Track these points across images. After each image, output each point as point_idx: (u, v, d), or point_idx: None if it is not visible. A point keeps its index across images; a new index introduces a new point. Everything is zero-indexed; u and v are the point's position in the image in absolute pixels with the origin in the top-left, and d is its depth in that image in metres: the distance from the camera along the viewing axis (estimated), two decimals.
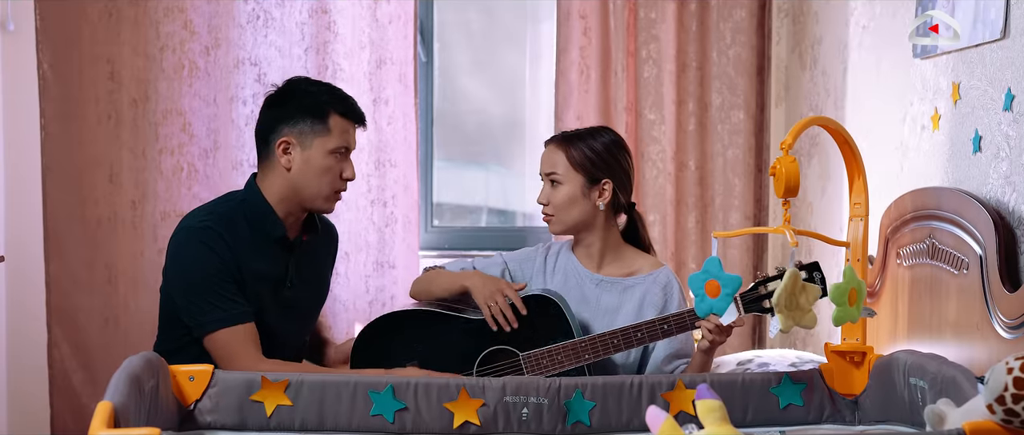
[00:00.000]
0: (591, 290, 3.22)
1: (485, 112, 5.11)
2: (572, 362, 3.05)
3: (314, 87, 3.20)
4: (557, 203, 3.17)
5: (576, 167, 3.16)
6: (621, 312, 3.16)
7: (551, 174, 3.19)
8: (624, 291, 3.19)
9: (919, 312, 3.33)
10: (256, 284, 3.09)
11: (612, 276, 3.22)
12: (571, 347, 3.05)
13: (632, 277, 3.21)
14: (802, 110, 4.55)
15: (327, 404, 2.75)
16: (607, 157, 3.18)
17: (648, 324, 2.99)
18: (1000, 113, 3.06)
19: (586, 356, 3.03)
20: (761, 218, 4.76)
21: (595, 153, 3.17)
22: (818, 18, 4.41)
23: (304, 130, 3.10)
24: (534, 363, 3.08)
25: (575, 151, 3.17)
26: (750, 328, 4.73)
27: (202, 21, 4.33)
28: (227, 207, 3.17)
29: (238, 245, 3.07)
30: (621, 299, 3.17)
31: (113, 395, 2.21)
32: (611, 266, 3.24)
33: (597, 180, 3.16)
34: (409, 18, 4.48)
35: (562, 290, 3.22)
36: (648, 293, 3.16)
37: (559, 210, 3.18)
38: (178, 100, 4.32)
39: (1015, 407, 2.05)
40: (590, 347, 3.03)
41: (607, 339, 3.01)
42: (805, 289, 2.77)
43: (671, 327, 3.00)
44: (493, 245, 4.86)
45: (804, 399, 2.93)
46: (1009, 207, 3.00)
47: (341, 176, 3.15)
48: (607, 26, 4.58)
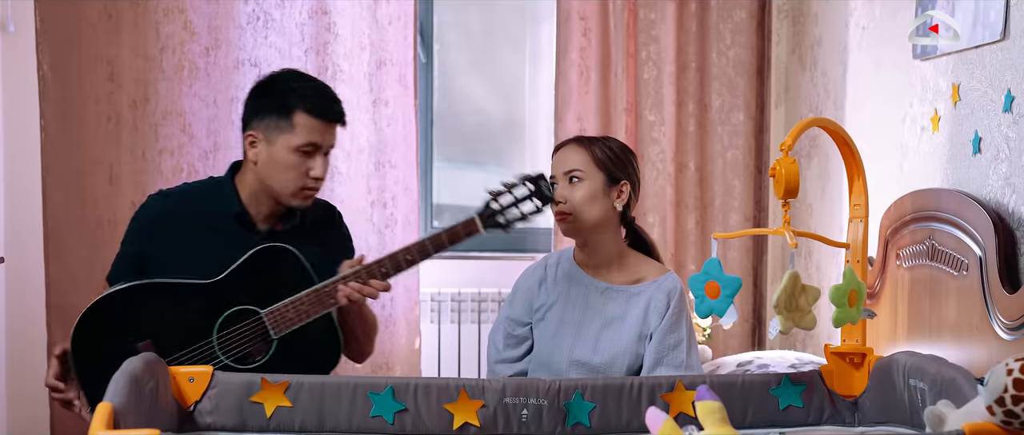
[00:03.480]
0: (596, 298, 3.16)
1: (485, 113, 5.11)
2: (317, 309, 2.96)
3: (290, 83, 3.14)
4: (578, 200, 3.09)
5: (598, 165, 3.12)
6: (627, 319, 3.12)
7: (573, 171, 3.11)
8: (630, 298, 3.14)
9: (919, 313, 3.33)
10: (189, 260, 3.08)
11: (618, 284, 3.16)
12: (314, 294, 2.97)
13: (638, 284, 3.15)
14: (802, 111, 4.55)
15: (327, 405, 2.75)
16: (624, 159, 3.17)
17: (390, 254, 2.98)
18: (1000, 114, 3.06)
19: (330, 302, 2.96)
20: (761, 219, 4.76)
21: (615, 153, 3.15)
22: (818, 19, 4.41)
23: (270, 125, 3.08)
24: (278, 318, 2.97)
25: (598, 149, 3.13)
26: (750, 329, 4.74)
27: (202, 22, 4.33)
28: (197, 183, 3.30)
29: (183, 210, 3.14)
30: (627, 307, 3.13)
31: (113, 396, 2.21)
32: (616, 273, 3.18)
33: (616, 180, 3.14)
34: (409, 19, 4.48)
35: (566, 299, 3.18)
36: (653, 299, 3.11)
37: (579, 207, 3.09)
38: (178, 101, 4.32)
39: (1015, 408, 2.05)
40: (333, 292, 2.96)
41: (349, 277, 2.96)
42: (805, 291, 2.77)
43: (414, 256, 3.00)
44: (493, 246, 4.86)
45: (804, 400, 2.93)
46: (1009, 208, 3.00)
47: (308, 174, 3.11)
48: (607, 27, 4.58)
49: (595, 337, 3.12)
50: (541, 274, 3.25)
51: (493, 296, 4.70)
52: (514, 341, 3.22)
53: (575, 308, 3.15)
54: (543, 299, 3.21)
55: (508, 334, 3.23)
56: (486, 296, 4.71)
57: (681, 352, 3.08)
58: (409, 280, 4.51)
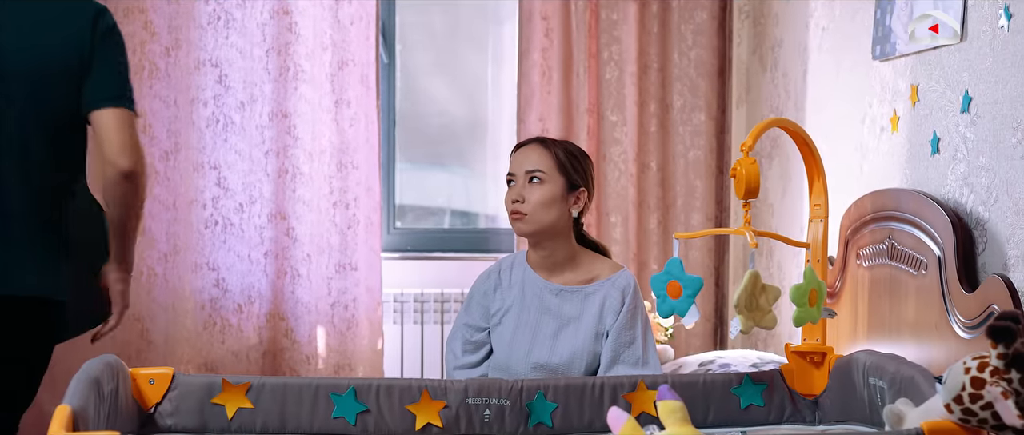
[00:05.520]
0: (551, 300, 3.15)
1: (447, 114, 5.11)
2: None
3: None
4: (536, 201, 3.07)
5: (560, 169, 3.10)
6: (583, 319, 3.12)
7: (534, 171, 3.09)
8: (585, 298, 3.13)
9: (878, 312, 3.35)
10: None
11: (572, 285, 3.16)
12: None
13: (592, 284, 3.15)
14: (763, 111, 4.58)
15: (288, 407, 2.74)
16: (584, 166, 3.16)
17: None
18: (958, 115, 3.09)
19: None
20: (723, 219, 4.78)
21: (576, 158, 3.14)
22: (778, 20, 4.44)
23: None
24: None
25: (560, 152, 3.12)
26: (712, 329, 4.76)
27: (162, 22, 4.30)
28: None
29: None
30: (582, 306, 3.13)
31: (72, 398, 2.19)
32: (570, 274, 3.17)
33: (576, 186, 3.12)
34: (371, 19, 4.47)
35: (521, 303, 3.16)
36: (608, 297, 3.11)
37: (536, 209, 3.07)
38: (138, 102, 4.24)
39: (972, 406, 2.07)
40: None
41: None
42: (765, 290, 2.79)
43: None
44: (456, 247, 4.86)
45: (765, 399, 2.95)
46: (967, 208, 3.02)
47: None
48: (569, 27, 4.59)
49: (552, 339, 3.12)
50: (496, 279, 3.24)
51: (456, 296, 4.69)
52: (472, 347, 3.22)
53: (531, 311, 3.15)
54: (499, 304, 3.21)
55: (466, 340, 3.22)
56: (449, 296, 4.70)
57: (637, 348, 3.09)
58: (372, 281, 4.50)
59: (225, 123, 4.37)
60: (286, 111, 4.41)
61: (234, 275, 4.40)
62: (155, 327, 4.30)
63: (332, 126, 4.46)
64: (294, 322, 4.44)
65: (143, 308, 4.25)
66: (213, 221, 4.38)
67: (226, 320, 4.40)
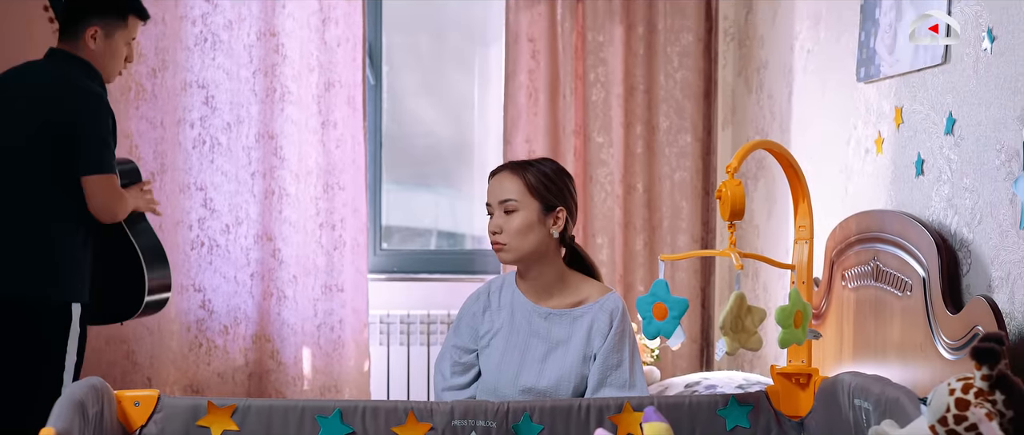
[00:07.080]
0: (540, 323, 3.13)
1: (434, 135, 5.11)
2: None
3: None
4: (513, 230, 3.05)
5: (533, 193, 3.08)
6: (571, 343, 3.11)
7: (506, 201, 3.09)
8: (573, 321, 3.12)
9: (864, 334, 3.36)
10: None
11: (560, 308, 3.14)
12: None
13: (581, 307, 3.13)
14: (748, 133, 4.59)
15: (274, 429, 2.73)
16: (560, 184, 3.13)
17: None
18: (942, 137, 3.10)
19: None
20: (709, 240, 4.79)
21: (549, 179, 3.11)
22: (764, 42, 4.45)
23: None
24: None
25: (531, 176, 3.08)
26: (698, 350, 4.76)
27: (149, 43, 4.31)
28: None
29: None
30: (571, 330, 3.11)
31: (56, 421, 2.18)
32: (558, 297, 3.16)
33: (552, 207, 3.10)
34: (358, 41, 4.48)
35: (510, 325, 3.15)
36: (596, 320, 3.10)
37: (514, 238, 3.06)
38: (125, 123, 4.28)
39: (957, 428, 2.07)
40: None
41: None
42: (751, 312, 2.79)
43: None
44: (442, 268, 4.86)
45: (751, 421, 2.94)
46: (951, 229, 3.03)
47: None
48: (556, 49, 4.61)
49: (540, 362, 3.10)
50: (485, 301, 3.23)
51: (442, 318, 4.69)
52: (461, 368, 3.21)
53: (519, 334, 3.14)
54: (487, 326, 3.20)
55: (455, 362, 3.21)
56: (435, 318, 4.70)
57: (624, 371, 3.08)
58: (358, 302, 4.50)
59: (211, 144, 4.37)
60: (273, 132, 4.41)
61: (220, 296, 4.40)
62: (140, 348, 4.29)
63: (319, 147, 4.46)
64: (280, 343, 4.43)
65: (129, 329, 4.25)
66: (199, 242, 4.38)
67: (212, 341, 4.39)
